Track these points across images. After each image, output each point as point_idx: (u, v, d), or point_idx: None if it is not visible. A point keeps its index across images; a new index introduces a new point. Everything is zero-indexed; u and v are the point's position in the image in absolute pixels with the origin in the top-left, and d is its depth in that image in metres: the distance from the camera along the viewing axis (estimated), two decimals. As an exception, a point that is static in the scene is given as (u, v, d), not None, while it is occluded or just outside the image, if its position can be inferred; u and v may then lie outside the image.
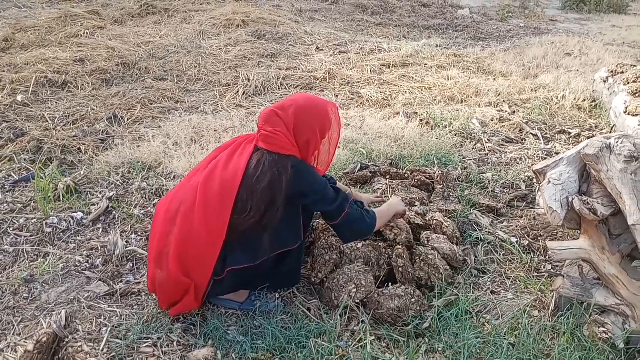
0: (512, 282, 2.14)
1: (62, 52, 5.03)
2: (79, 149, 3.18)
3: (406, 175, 2.83)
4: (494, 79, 4.77)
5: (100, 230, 2.44)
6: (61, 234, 2.40)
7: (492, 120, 3.81)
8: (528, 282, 2.12)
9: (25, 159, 3.02)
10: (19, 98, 3.87)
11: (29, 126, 3.45)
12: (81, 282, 2.09)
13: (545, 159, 3.12)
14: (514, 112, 4.01)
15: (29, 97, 3.98)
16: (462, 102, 4.25)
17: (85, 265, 2.19)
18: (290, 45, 5.95)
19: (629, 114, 3.19)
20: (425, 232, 2.28)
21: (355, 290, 1.93)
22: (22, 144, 3.13)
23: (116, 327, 1.85)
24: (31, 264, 2.19)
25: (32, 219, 2.46)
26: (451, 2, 9.47)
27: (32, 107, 3.83)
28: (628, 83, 3.54)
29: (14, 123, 3.48)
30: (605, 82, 3.92)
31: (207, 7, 7.31)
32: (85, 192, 2.72)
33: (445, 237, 2.25)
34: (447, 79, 4.74)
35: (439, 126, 3.64)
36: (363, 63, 5.24)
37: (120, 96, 4.13)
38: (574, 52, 5.60)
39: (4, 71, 4.47)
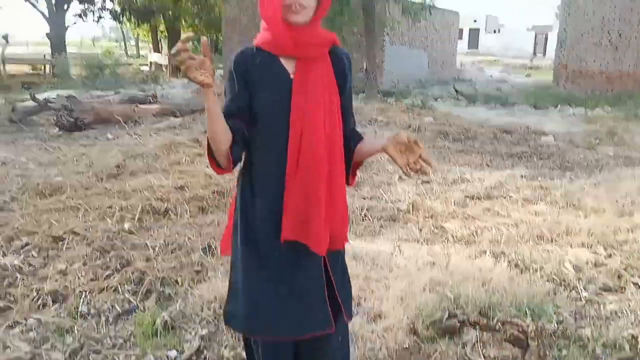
0: None
1: (165, 179, 5.50)
2: (176, 280, 3.37)
3: (497, 327, 2.74)
4: (585, 216, 4.63)
5: (192, 371, 2.52)
6: (156, 373, 2.50)
7: (586, 264, 3.66)
8: None
9: (128, 290, 3.23)
10: (126, 226, 4.23)
11: (133, 255, 3.72)
12: None
13: (650, 315, 2.93)
14: (610, 255, 3.83)
15: (135, 224, 4.34)
16: (552, 241, 4.13)
17: (177, 410, 2.24)
18: (373, 173, 6.17)
19: None
20: (522, 400, 2.16)
21: None
22: (126, 275, 3.37)
23: None
24: (127, 404, 2.28)
25: (131, 356, 2.59)
26: (534, 129, 9.51)
27: (136, 235, 4.15)
28: None
29: (120, 251, 3.78)
30: None
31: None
32: (180, 327, 2.85)
33: (543, 407, 2.12)
34: (534, 215, 4.67)
35: (529, 269, 3.54)
36: (446, 194, 5.30)
37: (214, 225, 4.39)
38: (672, 187, 5.37)
39: (114, 197, 4.94)
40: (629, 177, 5.82)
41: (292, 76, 1.62)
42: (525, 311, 2.96)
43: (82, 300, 3.05)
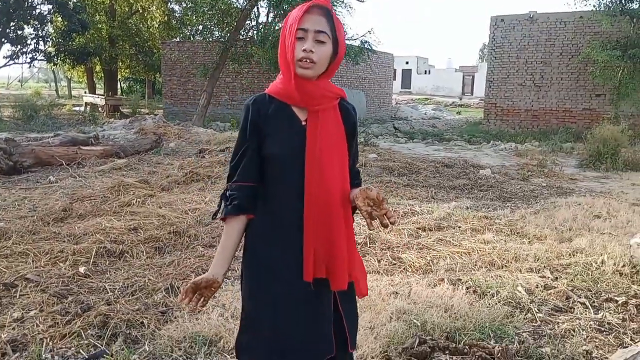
0: None
1: (117, 221, 5.37)
2: (142, 322, 3.29)
3: (465, 350, 2.87)
4: (530, 243, 4.92)
5: (169, 412, 2.47)
6: (131, 417, 2.42)
7: (537, 287, 3.89)
8: None
9: (92, 335, 3.12)
10: (82, 270, 4.09)
11: (92, 299, 3.61)
12: None
13: (600, 330, 3.16)
14: (557, 278, 4.09)
15: (90, 267, 4.21)
16: (502, 267, 4.36)
17: None
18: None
19: (676, 284, 3.26)
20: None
21: None
22: (88, 319, 3.26)
23: None
24: None
25: (105, 401, 2.51)
26: (472, 163, 10.03)
27: (92, 279, 4.02)
28: (668, 251, 3.66)
29: (78, 296, 3.65)
30: (643, 248, 4.04)
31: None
32: (151, 370, 2.79)
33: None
34: (484, 243, 4.91)
35: (486, 295, 3.72)
36: (399, 226, 5.47)
37: (175, 265, 4.33)
38: (602, 214, 5.81)
39: (64, 241, 4.76)
40: (564, 206, 6.24)
41: (304, 123, 1.71)
42: (489, 334, 3.12)
43: (44, 347, 2.93)
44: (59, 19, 20.95)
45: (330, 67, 1.73)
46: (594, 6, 14.78)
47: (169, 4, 24.89)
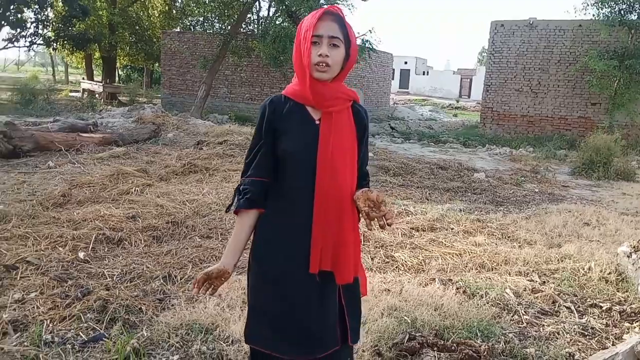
0: None
1: (115, 209, 5.44)
2: (140, 308, 3.38)
3: (453, 347, 2.97)
4: (520, 247, 5.04)
5: (167, 396, 2.55)
6: (130, 399, 2.51)
7: (524, 291, 4.00)
8: None
9: (91, 318, 3.21)
10: (81, 255, 4.17)
11: (91, 284, 3.69)
12: None
13: (583, 334, 3.27)
14: (544, 282, 4.21)
15: (89, 253, 4.28)
16: (492, 270, 4.47)
17: None
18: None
19: (658, 292, 3.38)
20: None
21: None
22: (88, 303, 3.35)
23: None
24: None
25: (104, 382, 2.59)
26: (467, 166, 10.14)
27: (91, 264, 4.10)
28: (652, 261, 3.78)
29: (77, 280, 3.73)
30: (629, 257, 4.16)
31: (243, 166, 7.92)
32: (149, 354, 2.87)
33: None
34: (475, 245, 5.02)
35: (475, 295, 3.83)
36: (393, 226, 5.57)
37: (172, 254, 4.41)
38: (592, 222, 5.94)
39: (63, 227, 4.83)
40: (555, 212, 6.36)
41: (317, 122, 1.80)
42: (476, 333, 3.22)
43: (44, 328, 3.01)
44: (60, 3, 20.89)
45: (343, 70, 1.82)
46: (594, 15, 14.91)
47: (171, -7, 24.85)
